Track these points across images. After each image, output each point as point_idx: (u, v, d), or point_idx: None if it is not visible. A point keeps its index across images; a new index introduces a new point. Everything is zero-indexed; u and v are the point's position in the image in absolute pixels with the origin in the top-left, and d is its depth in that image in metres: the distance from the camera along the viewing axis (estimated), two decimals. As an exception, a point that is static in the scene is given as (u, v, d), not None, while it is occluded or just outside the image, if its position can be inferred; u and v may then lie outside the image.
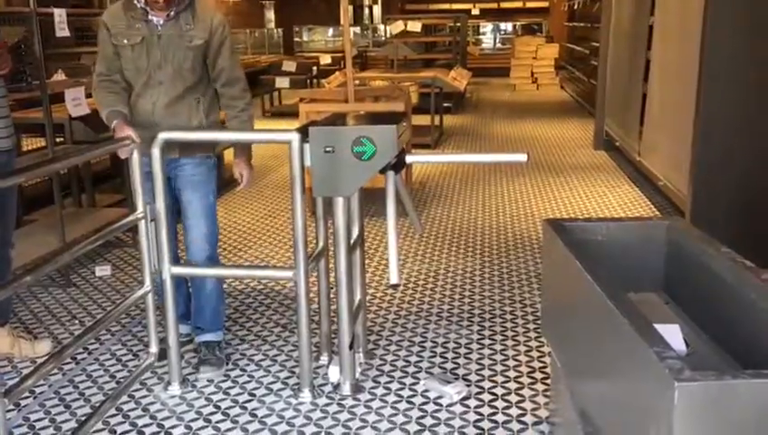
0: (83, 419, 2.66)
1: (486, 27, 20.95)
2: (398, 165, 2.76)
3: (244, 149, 3.01)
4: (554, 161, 7.36)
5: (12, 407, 2.63)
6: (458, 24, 12.38)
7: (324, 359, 3.09)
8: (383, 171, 2.72)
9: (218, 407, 2.75)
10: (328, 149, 2.58)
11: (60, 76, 5.44)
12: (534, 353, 3.16)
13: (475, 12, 19.58)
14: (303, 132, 2.65)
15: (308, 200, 3.43)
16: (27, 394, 2.80)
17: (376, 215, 5.09)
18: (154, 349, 2.87)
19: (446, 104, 9.85)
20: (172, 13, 2.74)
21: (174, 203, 2.93)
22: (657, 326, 1.70)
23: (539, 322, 3.41)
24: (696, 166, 3.99)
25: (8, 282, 2.53)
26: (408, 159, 2.81)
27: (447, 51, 13.14)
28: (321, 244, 2.97)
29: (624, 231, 2.32)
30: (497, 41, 20.77)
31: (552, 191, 6.08)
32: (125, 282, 4.09)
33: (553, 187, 6.24)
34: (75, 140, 4.66)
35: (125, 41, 2.75)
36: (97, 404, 2.75)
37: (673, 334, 1.89)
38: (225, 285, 3.96)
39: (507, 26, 20.94)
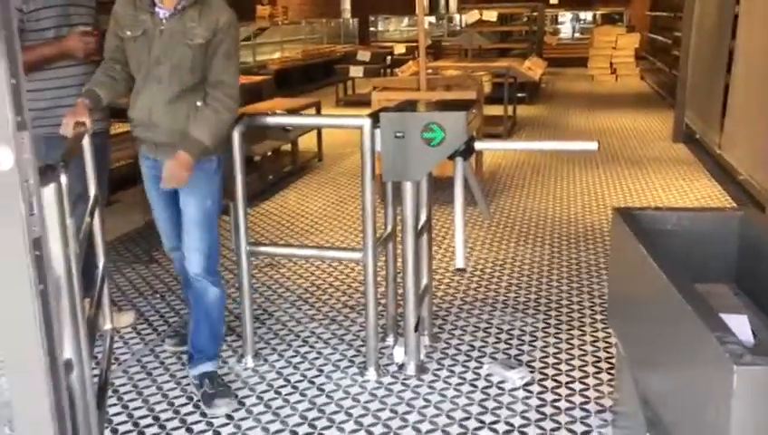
0: (163, 385, 2.83)
1: (565, 17, 20.51)
2: (467, 151, 2.79)
3: (189, 142, 2.48)
4: (630, 153, 7.20)
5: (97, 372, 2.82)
6: (535, 14, 12.18)
7: (390, 340, 3.17)
8: (452, 157, 2.76)
9: (288, 380, 2.87)
10: (398, 134, 2.65)
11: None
12: (600, 344, 3.14)
13: (554, 1, 19.19)
14: (375, 118, 2.72)
15: (378, 185, 3.51)
16: (113, 361, 3.00)
17: (445, 203, 5.12)
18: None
19: (520, 94, 9.73)
20: (180, 6, 2.50)
21: (176, 200, 2.69)
22: (724, 316, 1.69)
23: (606, 313, 3.39)
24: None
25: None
26: (477, 145, 2.84)
27: (523, 40, 12.96)
28: (389, 228, 3.05)
29: (695, 221, 2.29)
30: (576, 30, 20.30)
31: (626, 183, 5.96)
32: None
33: (628, 178, 6.11)
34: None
35: (128, 32, 2.55)
36: (176, 373, 2.92)
37: (740, 325, 1.86)
38: (297, 267, 4.11)
39: (587, 16, 20.44)
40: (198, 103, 2.54)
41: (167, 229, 2.81)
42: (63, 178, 1.89)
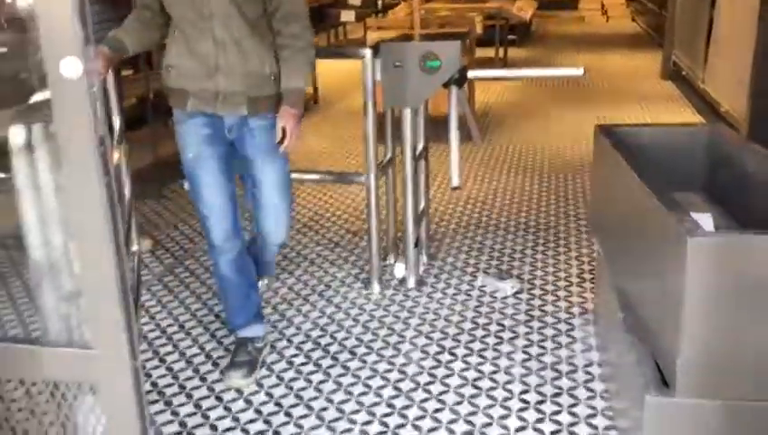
0: (185, 299, 3.10)
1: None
2: (461, 80, 3.01)
3: (293, 96, 2.25)
4: (620, 91, 7.39)
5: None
6: (526, -45, 12.13)
7: (391, 260, 3.43)
8: (447, 85, 2.97)
9: (299, 294, 3.14)
10: (397, 63, 2.85)
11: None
12: (585, 259, 3.41)
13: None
14: (375, 49, 2.92)
15: (377, 118, 3.71)
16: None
17: (441, 140, 5.33)
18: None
19: (511, 36, 9.84)
20: None
21: (232, 172, 2.39)
22: (691, 214, 1.94)
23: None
24: (754, 85, 4.07)
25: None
26: (470, 73, 3.05)
27: (514, -18, 12.92)
28: (389, 154, 3.27)
29: (669, 136, 2.53)
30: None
31: (614, 119, 6.17)
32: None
33: (616, 115, 6.32)
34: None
35: None
36: (196, 289, 3.19)
37: (705, 221, 2.11)
38: (300, 198, 4.34)
39: (579, -43, 20.23)
40: (271, 39, 2.24)
41: (222, 213, 2.34)
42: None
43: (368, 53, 2.84)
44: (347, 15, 11.50)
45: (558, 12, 15.61)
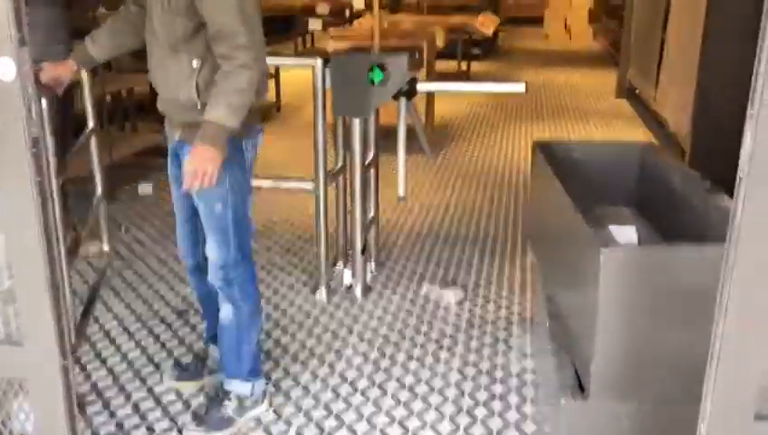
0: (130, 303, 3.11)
1: (525, -25, 20.66)
2: (410, 92, 3.09)
3: (204, 130, 1.89)
4: (576, 108, 7.57)
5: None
6: (492, -29, 12.37)
7: (340, 267, 3.48)
8: (396, 97, 3.05)
9: (245, 299, 3.17)
10: (346, 74, 2.91)
11: (102, 11, 5.79)
12: (528, 269, 3.50)
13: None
14: (325, 60, 2.98)
15: (329, 127, 3.77)
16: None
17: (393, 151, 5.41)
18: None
19: (475, 50, 10.00)
20: None
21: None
22: (614, 227, 2.05)
23: (536, 244, 3.75)
24: (696, 105, 4.23)
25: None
26: (419, 86, 3.13)
27: (480, -3, 13.14)
28: (339, 162, 3.33)
29: (603, 152, 2.63)
30: (535, -10, 20.49)
31: (568, 135, 6.34)
32: (166, 199, 4.51)
33: (571, 131, 6.48)
34: (120, 69, 5.06)
35: None
36: (142, 292, 3.20)
37: (628, 234, 2.21)
38: (253, 205, 4.35)
39: (546, -25, 20.62)
40: (194, 64, 1.96)
41: (183, 232, 2.30)
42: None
43: (318, 62, 2.90)
44: (314, 24, 11.55)
45: (523, 27, 15.91)
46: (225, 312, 2.20)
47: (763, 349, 1.21)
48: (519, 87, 3.01)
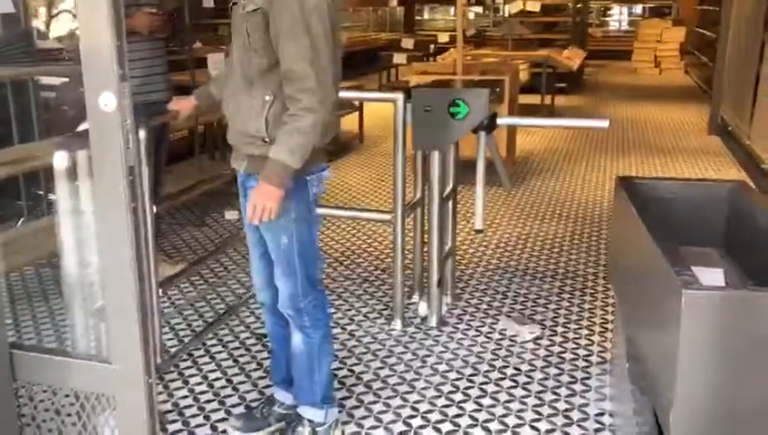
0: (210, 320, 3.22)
1: (614, 9, 20.38)
2: (490, 126, 3.09)
3: (268, 167, 1.95)
4: (664, 144, 7.35)
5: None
6: (579, 5, 12.28)
7: (416, 298, 3.49)
8: (475, 131, 3.06)
9: (322, 326, 3.22)
10: (427, 108, 2.96)
11: (198, 45, 6.11)
12: (609, 308, 3.41)
13: (602, -7, 19.10)
14: (407, 93, 3.04)
15: (411, 159, 3.82)
16: (168, 303, 3.40)
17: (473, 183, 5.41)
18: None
19: (560, 84, 9.90)
20: None
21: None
22: (700, 268, 1.97)
23: (618, 282, 3.65)
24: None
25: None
26: (499, 121, 3.13)
27: (567, 31, 13.05)
28: (418, 194, 3.36)
29: (690, 190, 2.54)
30: (624, 23, 20.17)
31: (656, 171, 6.15)
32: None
33: (658, 167, 6.29)
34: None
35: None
36: (221, 310, 3.31)
37: (714, 276, 2.13)
38: (334, 233, 4.46)
39: (636, 8, 20.27)
40: (267, 98, 2.00)
41: (255, 268, 2.31)
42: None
43: (399, 97, 2.96)
44: (399, 58, 11.80)
45: (611, 62, 15.64)
46: (297, 340, 2.24)
47: None
48: (602, 123, 2.96)
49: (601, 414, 2.53)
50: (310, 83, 1.93)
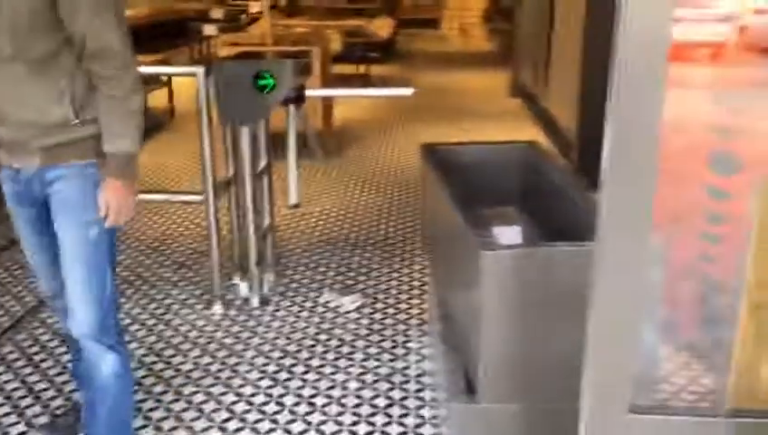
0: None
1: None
2: (298, 99, 3.04)
3: (116, 163, 1.81)
4: (472, 107, 7.73)
5: None
6: (388, -26, 12.49)
7: (237, 279, 3.39)
8: (285, 104, 3.00)
9: (136, 319, 3.03)
10: (230, 81, 2.84)
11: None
12: (427, 271, 3.53)
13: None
14: (207, 67, 2.89)
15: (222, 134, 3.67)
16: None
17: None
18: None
19: (373, 54, 10.05)
20: None
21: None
22: (498, 228, 2.07)
23: (434, 245, 3.79)
24: (580, 100, 4.40)
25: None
26: (308, 92, 3.09)
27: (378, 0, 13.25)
28: (230, 171, 3.24)
29: (488, 153, 2.68)
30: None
31: (465, 135, 6.45)
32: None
33: (468, 131, 6.61)
34: None
35: None
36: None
37: (512, 234, 2.26)
38: (146, 218, 4.20)
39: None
40: (63, 82, 1.77)
41: (43, 268, 2.03)
42: None
43: (199, 71, 2.81)
44: (209, 30, 11.30)
45: (421, 30, 16.15)
46: (108, 366, 1.94)
47: (632, 343, 1.24)
48: (406, 91, 3.02)
49: (422, 375, 2.61)
50: (126, 60, 1.78)
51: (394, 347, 2.82)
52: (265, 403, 2.45)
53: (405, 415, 2.38)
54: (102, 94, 1.79)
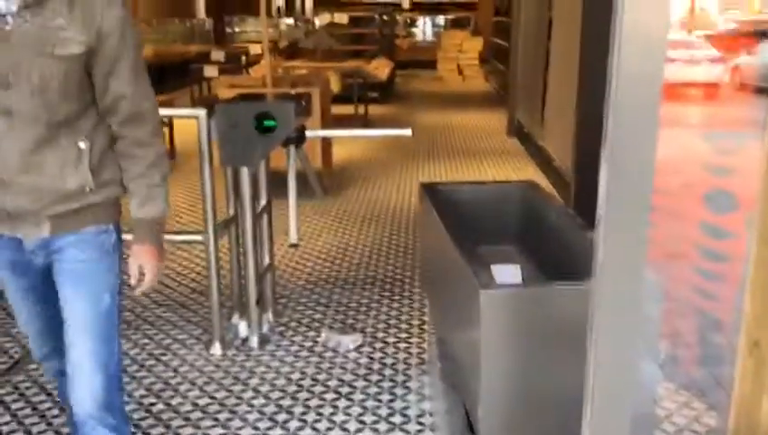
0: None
1: (419, 20, 21.43)
2: (299, 139, 3.08)
3: (149, 228, 1.78)
4: (470, 147, 7.82)
5: None
6: (385, 17, 12.75)
7: (236, 319, 3.38)
8: (285, 145, 3.04)
9: (134, 359, 3.02)
10: (231, 123, 2.88)
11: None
12: (426, 310, 3.53)
13: (407, 6, 19.98)
14: (210, 109, 2.94)
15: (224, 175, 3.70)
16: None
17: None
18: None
19: (372, 94, 10.18)
20: None
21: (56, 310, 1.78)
22: (497, 266, 2.09)
23: (433, 283, 3.79)
24: (576, 139, 4.45)
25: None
26: (308, 133, 3.13)
27: (375, 42, 13.49)
28: (231, 211, 3.26)
29: (486, 192, 2.71)
30: (428, 34, 21.26)
31: (463, 173, 6.51)
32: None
33: (465, 169, 6.67)
34: None
35: None
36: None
37: (512, 272, 2.27)
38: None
39: (440, 20, 21.46)
40: (82, 145, 1.67)
41: (38, 337, 1.90)
42: None
43: (201, 114, 2.85)
44: (210, 71, 11.47)
45: (419, 71, 16.39)
46: None
47: (632, 380, 1.24)
48: (405, 132, 3.06)
49: (422, 415, 2.59)
50: (157, 125, 1.77)
51: (393, 387, 2.80)
52: (264, 445, 2.43)
53: (405, 456, 2.35)
54: (135, 161, 1.74)
